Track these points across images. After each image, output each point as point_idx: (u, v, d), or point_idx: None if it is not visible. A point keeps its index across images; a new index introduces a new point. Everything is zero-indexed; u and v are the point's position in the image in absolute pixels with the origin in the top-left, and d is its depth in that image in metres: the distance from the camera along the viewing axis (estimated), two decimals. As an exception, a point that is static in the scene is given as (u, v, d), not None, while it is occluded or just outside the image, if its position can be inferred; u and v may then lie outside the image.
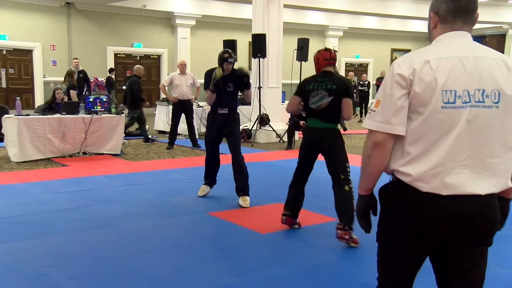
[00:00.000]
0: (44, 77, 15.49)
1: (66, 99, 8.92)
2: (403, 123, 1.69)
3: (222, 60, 5.17)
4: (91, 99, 8.32)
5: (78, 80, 11.92)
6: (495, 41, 21.38)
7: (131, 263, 3.55)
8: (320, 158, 4.24)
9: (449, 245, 1.74)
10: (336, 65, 4.36)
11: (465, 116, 1.65)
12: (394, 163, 1.75)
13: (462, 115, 1.65)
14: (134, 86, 9.45)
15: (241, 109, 11.15)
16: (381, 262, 1.92)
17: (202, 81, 5.61)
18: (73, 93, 9.96)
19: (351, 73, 17.98)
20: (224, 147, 5.57)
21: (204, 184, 5.51)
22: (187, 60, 12.68)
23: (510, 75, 1.68)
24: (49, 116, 7.77)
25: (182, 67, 9.22)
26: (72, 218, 4.63)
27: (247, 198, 5.18)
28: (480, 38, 22.14)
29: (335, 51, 4.24)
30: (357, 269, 3.47)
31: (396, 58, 16.44)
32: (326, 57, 4.11)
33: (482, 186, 1.68)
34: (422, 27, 22.37)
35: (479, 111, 1.66)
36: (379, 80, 16.69)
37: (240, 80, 5.21)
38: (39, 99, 14.89)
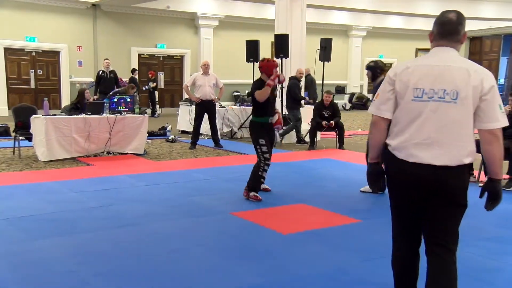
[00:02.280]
0: (70, 78, 15.80)
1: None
2: (389, 110, 2.43)
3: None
4: (115, 100, 8.44)
5: (109, 80, 12.13)
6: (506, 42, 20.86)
7: (156, 262, 3.58)
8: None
9: (426, 204, 2.38)
10: (359, 64, 4.69)
11: (429, 107, 2.31)
12: (388, 137, 2.47)
13: (427, 106, 2.32)
14: (292, 89, 9.69)
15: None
16: (392, 218, 2.60)
17: (225, 81, 5.91)
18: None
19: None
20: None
21: None
22: (210, 61, 12.75)
23: (468, 80, 2.27)
24: (75, 116, 7.92)
25: (205, 68, 9.26)
26: (98, 216, 4.70)
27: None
28: (510, 36, 21.58)
29: (265, 59, 5.50)
30: (379, 271, 3.43)
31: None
32: None
33: (438, 159, 2.29)
34: (447, 26, 21.98)
35: (440, 104, 2.30)
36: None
37: None
38: (65, 100, 15.18)
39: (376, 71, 5.72)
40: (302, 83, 10.35)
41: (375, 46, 21.68)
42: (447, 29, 2.38)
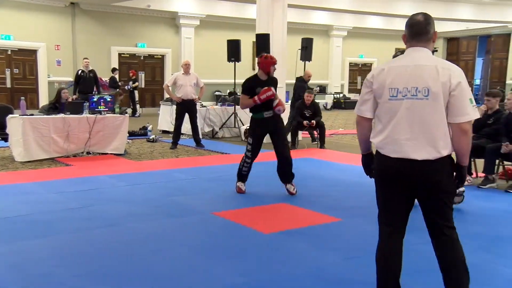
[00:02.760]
0: (48, 77, 15.54)
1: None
2: (368, 110, 2.63)
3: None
4: (95, 99, 8.34)
5: (89, 80, 11.97)
6: (501, 40, 21.30)
7: (137, 263, 3.55)
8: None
9: (414, 195, 2.60)
10: (340, 64, 4.59)
11: (404, 105, 2.48)
12: (371, 136, 2.67)
13: (402, 104, 2.49)
14: (298, 90, 9.85)
15: (245, 109, 11.21)
16: (377, 206, 2.74)
17: (206, 81, 5.77)
18: None
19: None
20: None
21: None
22: (191, 60, 12.69)
23: (437, 77, 2.41)
24: (54, 116, 7.80)
25: (186, 67, 9.22)
26: (77, 217, 4.64)
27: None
28: (485, 38, 22.08)
29: (264, 55, 5.51)
30: (361, 269, 3.46)
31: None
32: None
33: (419, 153, 2.46)
34: (426, 26, 22.31)
35: (414, 102, 2.46)
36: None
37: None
38: (44, 99, 14.93)
39: None
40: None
41: (356, 46, 21.88)
42: (416, 30, 2.54)
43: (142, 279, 3.26)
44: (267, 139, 5.66)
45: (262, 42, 9.90)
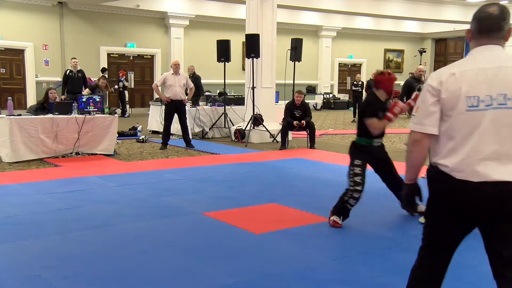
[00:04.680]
0: (36, 77, 15.40)
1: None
2: (434, 124, 2.10)
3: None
4: (84, 99, 8.29)
5: (77, 80, 11.89)
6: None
7: (126, 264, 3.54)
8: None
9: (489, 220, 2.10)
10: (329, 65, 4.42)
11: (488, 116, 2.02)
12: (434, 157, 2.16)
13: (485, 115, 2.02)
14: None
15: (235, 109, 11.23)
16: (426, 234, 2.29)
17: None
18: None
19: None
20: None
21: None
22: (180, 60, 12.66)
23: None
24: (42, 116, 7.73)
25: (176, 67, 9.19)
26: (66, 218, 4.60)
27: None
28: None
29: (379, 73, 4.52)
30: (350, 269, 3.48)
31: (389, 59, 16.60)
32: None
33: (508, 173, 2.02)
34: (415, 27, 22.51)
35: (501, 112, 2.02)
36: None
37: None
38: (31, 99, 14.79)
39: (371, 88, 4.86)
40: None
41: (345, 47, 21.98)
42: (487, 25, 2.11)
43: (131, 281, 3.25)
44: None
45: (252, 43, 9.91)
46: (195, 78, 12.81)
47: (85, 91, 10.65)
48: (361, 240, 4.16)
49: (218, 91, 17.15)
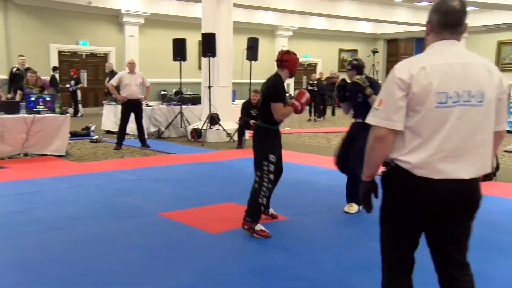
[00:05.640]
0: (-20, 75, 14.71)
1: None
2: (402, 120, 2.00)
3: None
4: (33, 98, 7.99)
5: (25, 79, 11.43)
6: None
7: (81, 266, 3.44)
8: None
9: (442, 219, 2.07)
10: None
11: (455, 113, 1.97)
12: (394, 153, 2.06)
13: (453, 112, 1.97)
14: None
15: (191, 109, 11.14)
16: (386, 240, 2.19)
17: (151, 80, 5.34)
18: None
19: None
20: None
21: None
22: (136, 59, 12.45)
23: (491, 79, 2.01)
24: (-14, 116, 7.40)
25: (131, 66, 9.03)
26: (17, 222, 4.43)
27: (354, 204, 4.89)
28: (421, 40, 23.10)
29: (285, 52, 4.37)
30: (307, 266, 3.53)
31: (344, 58, 16.90)
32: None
33: (467, 172, 2.01)
34: (368, 28, 23.07)
35: (466, 109, 1.98)
36: (329, 80, 17.00)
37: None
38: (-25, 99, 14.11)
39: (362, 70, 4.92)
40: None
41: (301, 46, 22.20)
42: (452, 19, 2.03)
43: (87, 283, 3.17)
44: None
45: (208, 42, 9.86)
46: (113, 76, 12.54)
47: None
48: (317, 237, 4.23)
49: (174, 90, 16.95)
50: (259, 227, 4.13)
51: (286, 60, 4.25)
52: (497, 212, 4.92)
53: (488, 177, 2.18)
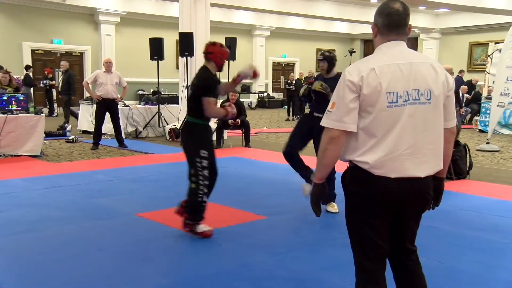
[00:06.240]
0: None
1: None
2: (354, 121, 2.03)
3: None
4: (5, 98, 7.81)
5: None
6: (409, 43, 22.71)
7: (55, 270, 3.38)
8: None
9: (400, 215, 2.14)
10: (264, 64, 4.39)
11: (406, 112, 2.02)
12: (350, 154, 2.10)
13: (404, 111, 2.02)
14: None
15: (169, 108, 11.06)
16: (356, 242, 2.20)
17: (128, 79, 5.21)
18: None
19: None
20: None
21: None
22: (112, 58, 12.28)
23: (437, 77, 2.08)
24: (-42, 116, 7.21)
25: (107, 65, 8.91)
26: (-13, 225, 4.32)
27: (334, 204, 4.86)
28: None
29: (211, 43, 4.14)
30: (287, 265, 3.54)
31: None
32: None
33: (422, 169, 2.06)
34: (345, 28, 23.28)
35: (416, 107, 2.03)
36: (307, 80, 17.10)
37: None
38: None
39: (333, 62, 4.83)
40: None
41: (279, 46, 22.32)
42: (397, 21, 2.10)
43: (59, 286, 3.11)
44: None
45: (186, 41, 9.81)
46: (68, 75, 12.45)
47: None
48: (295, 237, 4.25)
49: (151, 90, 16.80)
50: (200, 228, 4.03)
51: (211, 52, 4.03)
52: (469, 210, 5.03)
53: (442, 175, 2.22)
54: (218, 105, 4.38)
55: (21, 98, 8.00)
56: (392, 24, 2.09)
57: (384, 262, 2.20)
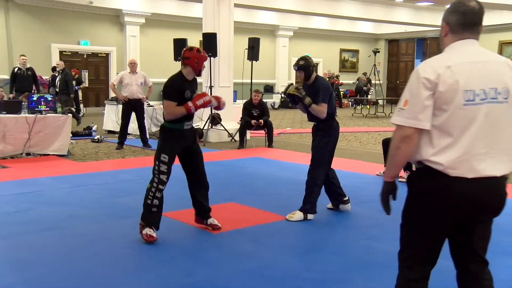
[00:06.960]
0: (-18, 75, 14.72)
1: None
2: (428, 119, 1.99)
3: None
4: (34, 98, 8.01)
5: (27, 78, 11.45)
6: (435, 43, 22.35)
7: (81, 267, 3.44)
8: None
9: (473, 217, 2.08)
10: (286, 64, 4.40)
11: (483, 111, 1.98)
12: (423, 153, 2.04)
13: (481, 110, 1.98)
14: None
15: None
16: (408, 245, 2.16)
17: (152, 80, 5.29)
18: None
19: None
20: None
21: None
22: (137, 59, 12.45)
23: None
24: (-13, 115, 7.41)
25: (132, 66, 9.04)
26: (15, 222, 4.43)
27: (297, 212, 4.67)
28: (422, 40, 23.11)
29: (188, 48, 4.15)
30: (309, 266, 3.53)
31: (345, 58, 16.86)
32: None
33: (497, 169, 2.02)
34: (369, 28, 23.05)
35: (493, 106, 2.00)
36: (330, 80, 17.00)
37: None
38: (-22, 98, 14.11)
39: (310, 70, 4.66)
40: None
41: (302, 46, 22.20)
42: (472, 19, 2.06)
43: (85, 283, 3.17)
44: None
45: (209, 42, 9.86)
46: (65, 74, 12.59)
47: None
48: (317, 237, 4.23)
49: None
50: (146, 230, 3.95)
51: (187, 57, 4.01)
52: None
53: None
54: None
55: (50, 98, 8.17)
56: (467, 22, 2.05)
57: (429, 274, 2.15)
